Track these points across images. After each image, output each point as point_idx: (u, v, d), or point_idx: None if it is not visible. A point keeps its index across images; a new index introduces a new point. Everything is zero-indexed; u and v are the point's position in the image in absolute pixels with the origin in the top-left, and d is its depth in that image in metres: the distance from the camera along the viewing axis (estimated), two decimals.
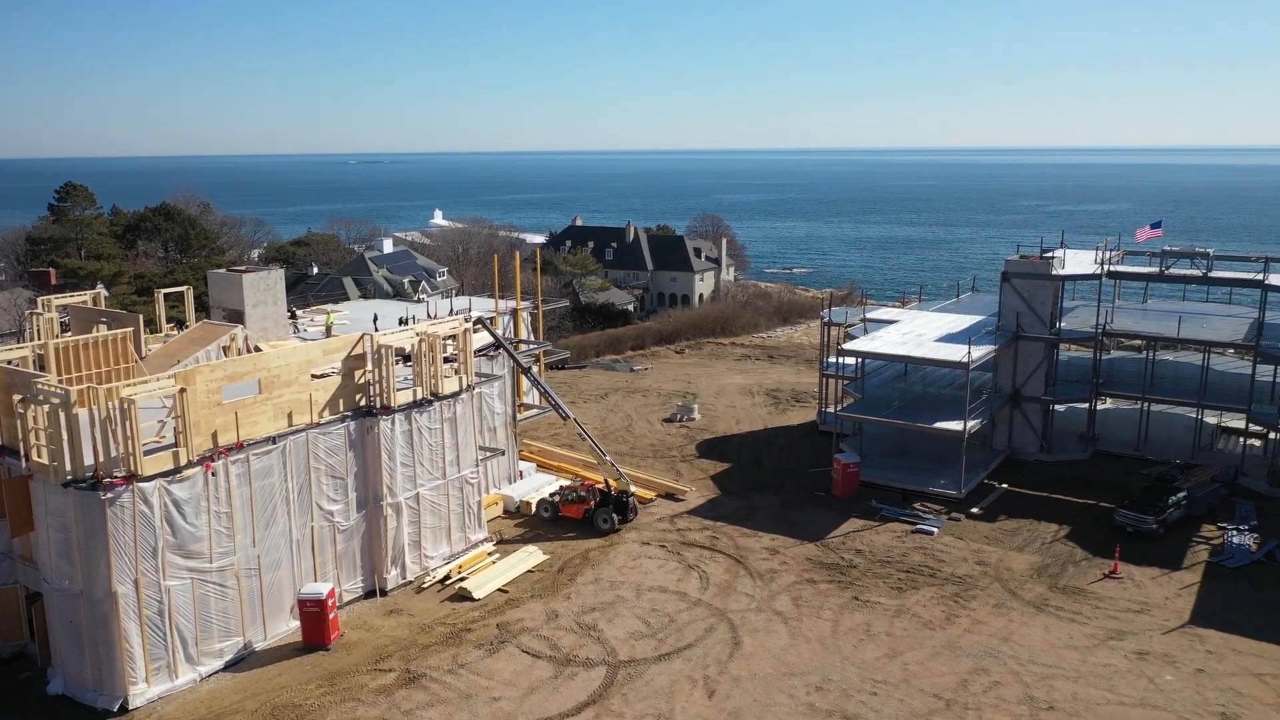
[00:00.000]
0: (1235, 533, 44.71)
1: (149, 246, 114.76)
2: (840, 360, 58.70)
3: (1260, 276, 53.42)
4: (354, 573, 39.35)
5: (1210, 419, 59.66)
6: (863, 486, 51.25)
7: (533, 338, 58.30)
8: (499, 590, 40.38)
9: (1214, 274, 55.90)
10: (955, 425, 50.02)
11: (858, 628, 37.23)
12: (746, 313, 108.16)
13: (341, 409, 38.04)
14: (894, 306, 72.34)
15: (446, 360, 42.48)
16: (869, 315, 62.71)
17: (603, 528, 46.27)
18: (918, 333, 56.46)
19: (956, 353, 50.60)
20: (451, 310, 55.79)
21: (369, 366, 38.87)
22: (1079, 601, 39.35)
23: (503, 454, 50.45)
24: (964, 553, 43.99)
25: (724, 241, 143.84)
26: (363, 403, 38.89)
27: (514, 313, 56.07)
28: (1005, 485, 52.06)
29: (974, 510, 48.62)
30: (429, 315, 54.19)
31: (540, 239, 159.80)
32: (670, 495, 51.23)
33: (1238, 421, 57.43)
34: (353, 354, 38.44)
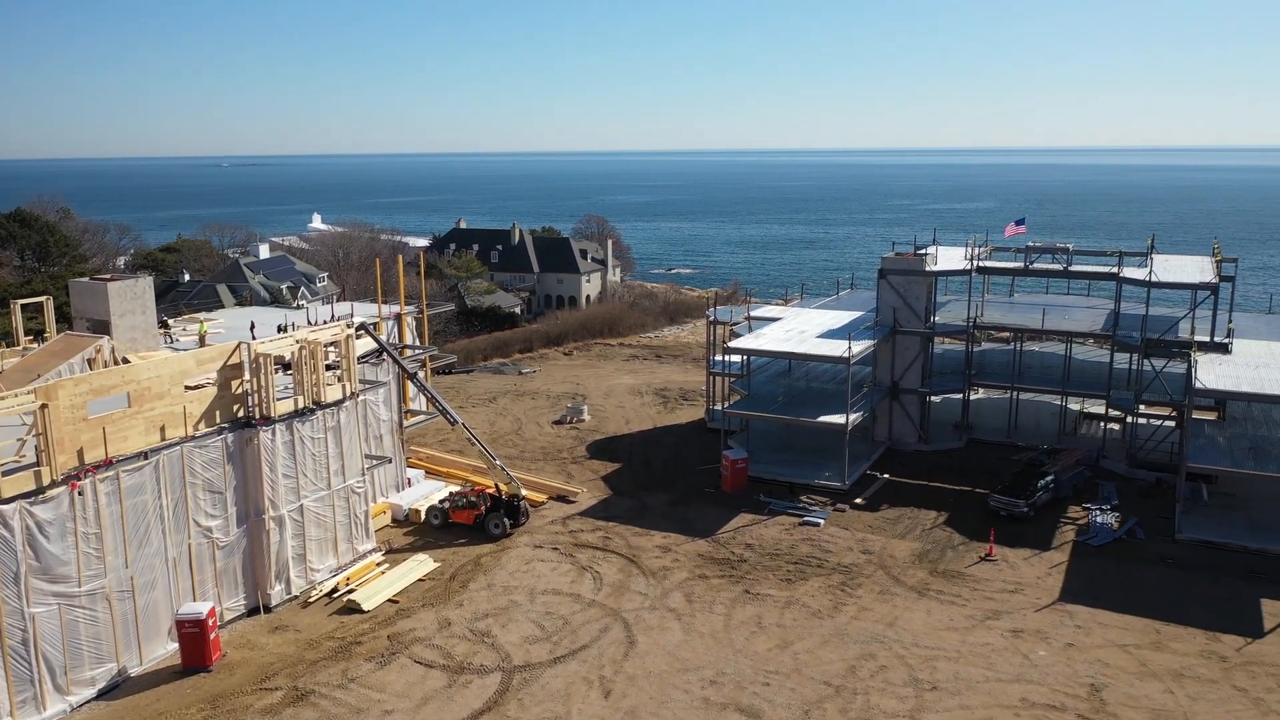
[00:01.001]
0: (1098, 512, 47.29)
1: (3, 255, 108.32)
2: (726, 358, 59.64)
3: (1115, 270, 56.55)
4: (235, 590, 37.99)
5: (1073, 405, 62.86)
6: (751, 482, 52.16)
7: (418, 342, 57.36)
8: (389, 601, 39.59)
9: (1074, 268, 58.91)
10: (838, 419, 51.40)
11: (749, 620, 37.88)
12: (634, 313, 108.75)
13: (218, 421, 36.69)
14: (777, 304, 73.95)
15: (329, 368, 41.44)
16: (753, 313, 63.89)
17: (494, 532, 45.87)
18: (800, 329, 57.78)
19: (838, 348, 51.99)
20: (333, 316, 54.43)
21: (247, 376, 37.60)
22: (958, 584, 40.94)
23: (390, 462, 49.45)
24: (849, 542, 45.24)
25: (610, 242, 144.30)
26: (241, 414, 37.59)
27: (398, 317, 55.06)
28: (887, 475, 53.74)
29: (858, 501, 50.04)
30: (309, 322, 52.73)
31: (424, 242, 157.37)
32: (562, 497, 51.13)
33: (1098, 407, 60.66)
34: (229, 364, 37.11)
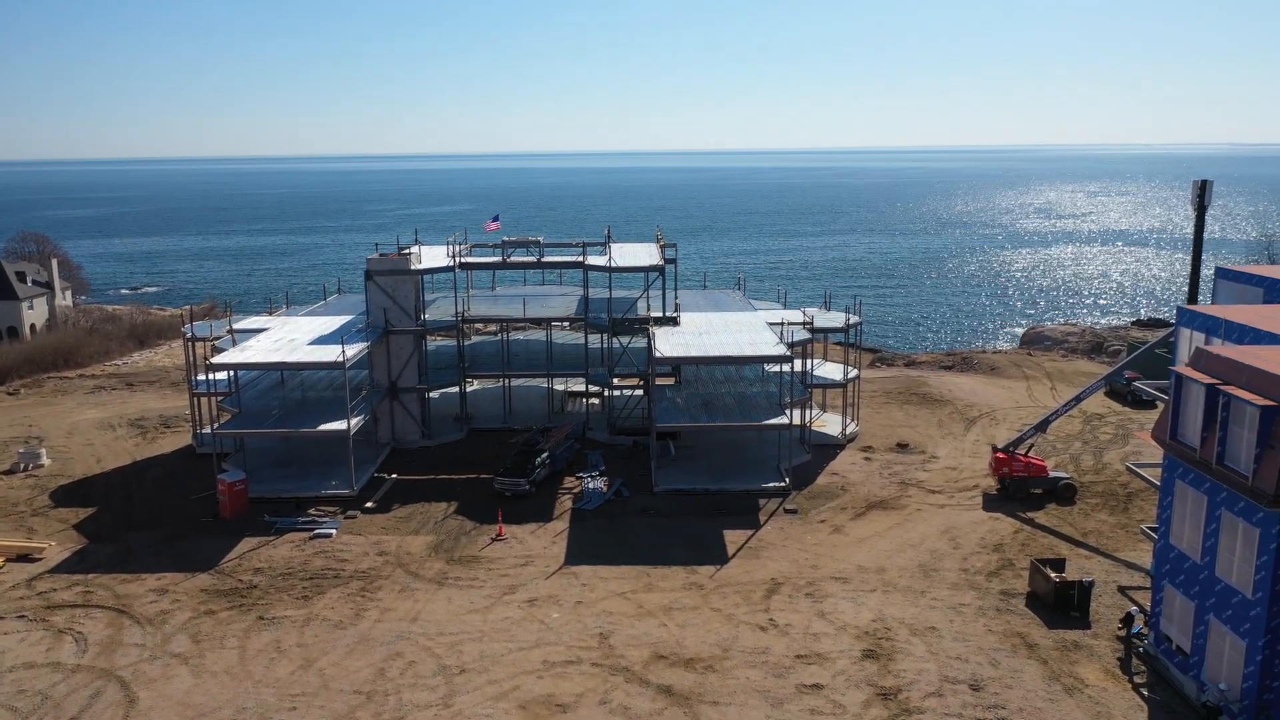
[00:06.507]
0: (590, 479, 51.85)
1: None
2: (211, 376, 55.55)
3: (581, 259, 62.13)
4: None
5: (559, 386, 68.10)
6: (253, 503, 49.25)
7: None
8: None
9: (546, 259, 63.64)
10: (339, 425, 50.43)
11: (267, 648, 35.88)
12: (94, 339, 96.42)
13: None
14: (262, 316, 70.17)
15: None
16: (236, 326, 60.14)
17: None
18: (290, 338, 55.63)
19: (331, 353, 50.94)
20: None
21: None
22: (474, 568, 42.47)
23: None
24: (364, 547, 44.73)
25: (54, 262, 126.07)
26: None
27: None
28: (395, 475, 53.90)
29: (368, 505, 49.59)
30: None
31: None
32: (24, 557, 44.03)
33: (580, 384, 66.38)
34: None
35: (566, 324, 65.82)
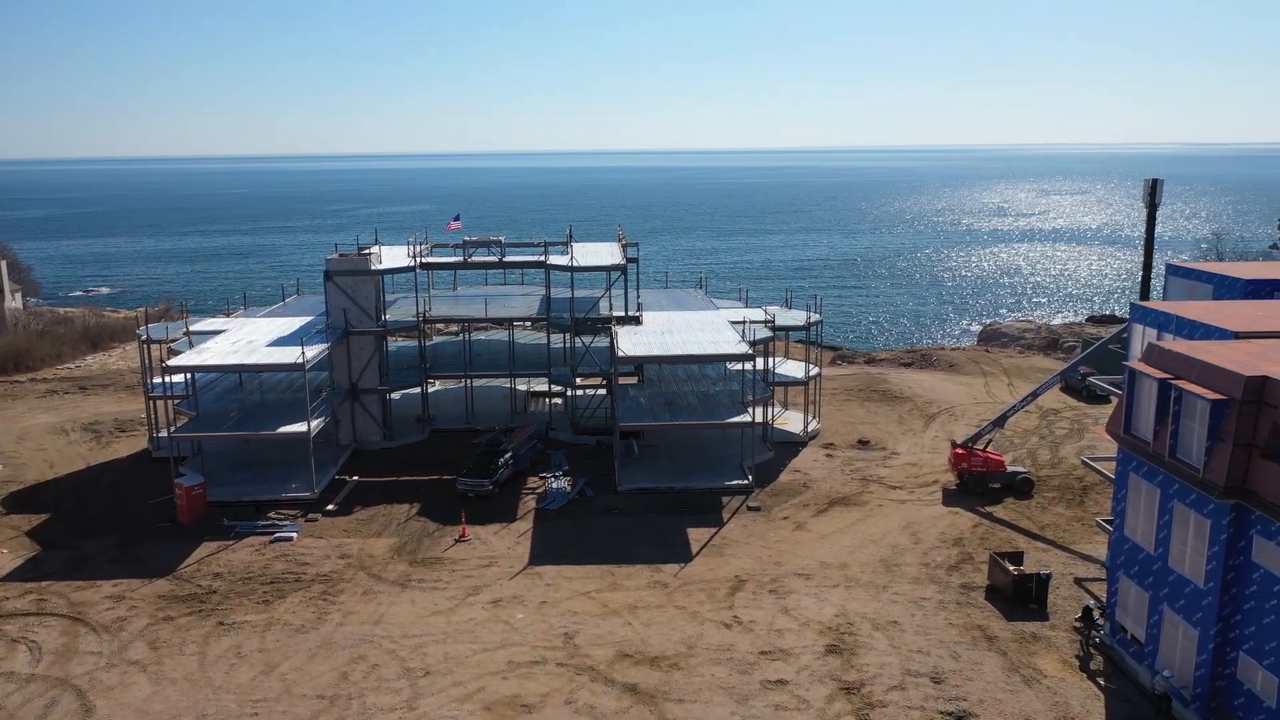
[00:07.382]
0: (553, 479, 51.79)
1: None
2: (168, 379, 54.77)
3: (543, 259, 62.00)
4: None
5: (521, 386, 67.90)
6: (212, 507, 48.67)
7: None
8: None
9: (508, 259, 63.44)
10: (299, 427, 49.91)
11: (228, 653, 35.46)
12: (46, 342, 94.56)
13: None
14: (220, 317, 69.23)
15: None
16: (193, 328, 59.30)
17: None
18: (249, 340, 54.97)
19: (291, 355, 50.43)
20: None
21: None
22: (437, 570, 42.26)
23: None
24: (326, 550, 44.34)
25: (3, 264, 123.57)
26: None
27: None
28: (356, 477, 53.47)
29: (330, 507, 49.15)
30: None
31: None
32: None
33: (543, 384, 66.20)
34: None
35: (529, 324, 65.61)
